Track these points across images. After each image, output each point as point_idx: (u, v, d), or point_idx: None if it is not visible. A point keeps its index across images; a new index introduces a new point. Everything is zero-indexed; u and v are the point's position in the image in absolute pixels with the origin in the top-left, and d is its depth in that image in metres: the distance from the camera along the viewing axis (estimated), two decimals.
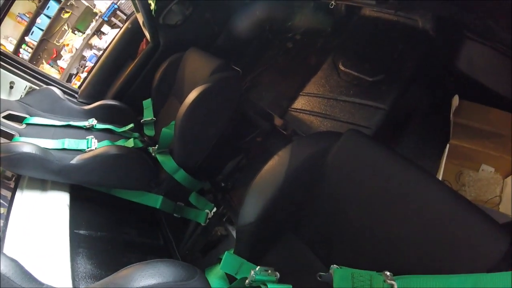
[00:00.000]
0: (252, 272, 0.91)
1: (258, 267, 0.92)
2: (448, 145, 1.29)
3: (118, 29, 2.28)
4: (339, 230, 0.88)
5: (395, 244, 0.77)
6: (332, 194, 0.90)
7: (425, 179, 0.77)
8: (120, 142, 1.79)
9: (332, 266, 0.82)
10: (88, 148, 1.61)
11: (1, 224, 1.20)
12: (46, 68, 4.45)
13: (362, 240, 0.83)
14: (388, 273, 0.72)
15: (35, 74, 1.97)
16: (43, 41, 4.51)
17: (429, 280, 0.67)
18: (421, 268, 0.70)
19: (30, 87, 1.92)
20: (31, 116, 1.72)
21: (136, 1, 1.80)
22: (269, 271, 0.93)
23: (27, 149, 1.31)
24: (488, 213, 0.69)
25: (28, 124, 1.68)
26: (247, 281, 0.91)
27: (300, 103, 1.77)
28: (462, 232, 0.68)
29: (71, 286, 1.11)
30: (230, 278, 0.98)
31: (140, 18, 1.90)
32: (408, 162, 0.81)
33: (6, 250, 1.09)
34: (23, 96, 1.88)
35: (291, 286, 0.89)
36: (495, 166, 1.30)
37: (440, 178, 1.20)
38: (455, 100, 1.44)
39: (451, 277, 0.65)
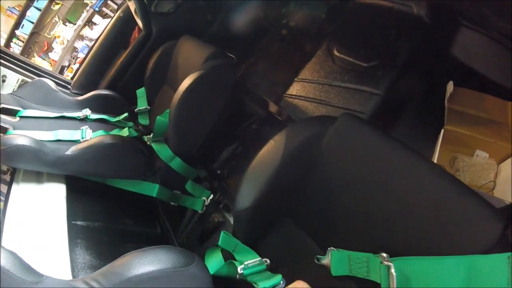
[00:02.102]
0: (239, 270, 0.92)
1: (244, 264, 0.93)
2: (442, 131, 1.30)
3: (110, 19, 2.25)
4: (335, 213, 0.88)
5: (391, 226, 0.77)
6: (328, 178, 0.90)
7: (420, 162, 0.77)
8: (115, 132, 1.78)
9: (329, 248, 0.83)
10: (82, 138, 1.60)
11: None
12: (37, 61, 4.38)
13: (359, 222, 0.83)
14: (384, 255, 0.73)
15: (27, 67, 1.94)
16: (33, 34, 4.43)
17: (425, 261, 0.69)
18: (417, 249, 0.71)
19: (23, 80, 1.90)
20: (24, 109, 1.70)
21: None
22: (257, 262, 0.94)
23: (21, 141, 1.30)
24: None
25: (21, 117, 1.66)
26: (237, 276, 0.92)
27: (295, 89, 1.77)
28: (457, 214, 0.69)
29: (70, 277, 1.11)
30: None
31: (132, 6, 1.88)
32: (403, 145, 0.81)
33: (4, 243, 1.09)
34: (15, 89, 1.86)
35: (281, 276, 0.89)
36: (489, 152, 1.32)
37: None
38: (450, 86, 1.45)
39: (447, 258, 0.66)
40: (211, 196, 1.66)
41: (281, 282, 0.89)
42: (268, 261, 0.95)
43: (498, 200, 1.14)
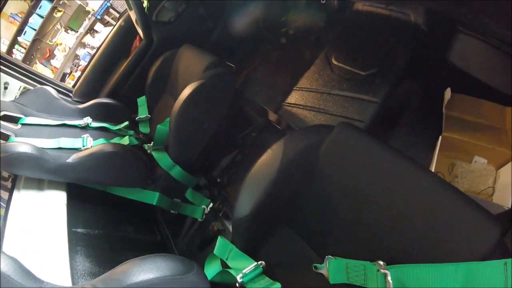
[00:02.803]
0: (239, 279, 0.92)
1: (242, 273, 0.93)
2: (440, 137, 1.30)
3: (111, 27, 2.27)
4: (332, 221, 0.89)
5: (388, 234, 0.78)
6: (325, 186, 0.90)
7: (416, 170, 0.78)
8: (116, 140, 1.79)
9: (326, 257, 0.83)
10: (83, 146, 1.61)
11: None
12: (39, 68, 4.41)
13: (356, 231, 0.84)
14: (381, 263, 0.73)
15: (29, 74, 1.96)
16: (36, 41, 4.48)
17: (422, 268, 0.69)
18: (414, 257, 0.71)
19: (25, 88, 1.91)
20: (26, 116, 1.72)
21: None
22: (254, 267, 0.94)
23: (23, 148, 1.31)
24: (481, 203, 0.70)
25: (23, 124, 1.67)
26: (237, 284, 0.92)
27: (294, 97, 1.78)
28: (454, 221, 0.69)
29: (70, 283, 1.11)
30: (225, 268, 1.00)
31: (133, 15, 1.90)
32: (399, 154, 0.81)
33: (5, 249, 1.09)
34: (17, 96, 1.87)
35: (280, 285, 0.89)
36: (487, 158, 1.32)
37: (433, 170, 1.22)
38: (447, 93, 1.46)
39: (444, 265, 0.66)
40: (211, 204, 1.66)
41: None
42: (264, 263, 0.95)
43: (497, 206, 1.14)
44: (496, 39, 1.43)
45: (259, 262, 0.95)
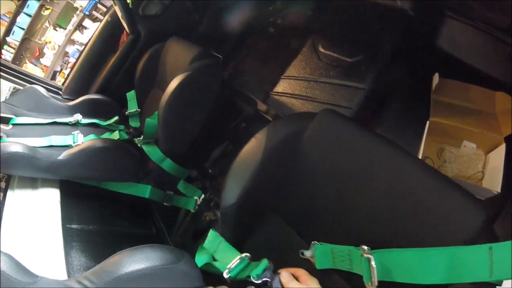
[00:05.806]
0: (225, 275, 0.87)
1: (227, 269, 0.88)
2: (428, 122, 1.30)
3: (99, 23, 2.26)
4: (317, 207, 0.90)
5: (372, 219, 0.78)
6: (310, 173, 0.91)
7: (399, 155, 0.78)
8: (106, 135, 1.79)
9: (312, 242, 0.84)
10: (74, 143, 1.61)
11: None
12: (29, 67, 4.38)
13: (340, 216, 0.84)
14: (365, 248, 0.74)
15: (18, 75, 1.95)
16: (25, 40, 4.44)
17: (406, 253, 0.69)
18: (398, 241, 0.72)
19: (15, 88, 1.90)
20: (17, 116, 1.72)
21: None
22: (239, 260, 0.90)
23: (15, 148, 1.31)
24: (471, 188, 0.69)
25: (14, 124, 1.67)
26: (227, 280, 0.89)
27: (281, 86, 1.79)
28: (438, 205, 0.69)
29: (66, 278, 1.12)
30: None
31: (118, 10, 1.88)
32: (381, 139, 0.81)
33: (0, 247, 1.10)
34: (7, 97, 1.86)
35: (266, 260, 0.85)
36: (476, 142, 1.32)
37: (421, 155, 1.22)
38: (435, 78, 1.45)
39: (428, 250, 0.67)
40: (203, 195, 1.68)
41: (269, 264, 0.84)
42: (249, 255, 0.92)
43: (487, 190, 1.14)
44: (484, 23, 1.43)
45: (243, 255, 0.91)
